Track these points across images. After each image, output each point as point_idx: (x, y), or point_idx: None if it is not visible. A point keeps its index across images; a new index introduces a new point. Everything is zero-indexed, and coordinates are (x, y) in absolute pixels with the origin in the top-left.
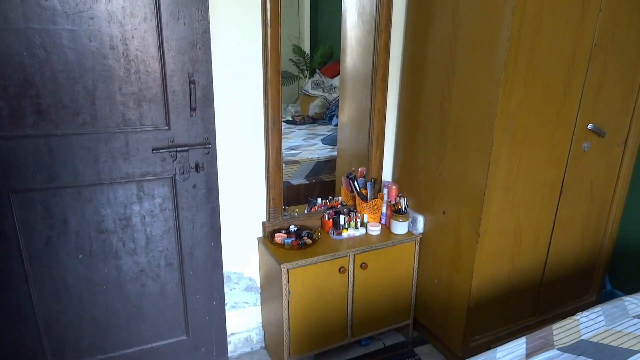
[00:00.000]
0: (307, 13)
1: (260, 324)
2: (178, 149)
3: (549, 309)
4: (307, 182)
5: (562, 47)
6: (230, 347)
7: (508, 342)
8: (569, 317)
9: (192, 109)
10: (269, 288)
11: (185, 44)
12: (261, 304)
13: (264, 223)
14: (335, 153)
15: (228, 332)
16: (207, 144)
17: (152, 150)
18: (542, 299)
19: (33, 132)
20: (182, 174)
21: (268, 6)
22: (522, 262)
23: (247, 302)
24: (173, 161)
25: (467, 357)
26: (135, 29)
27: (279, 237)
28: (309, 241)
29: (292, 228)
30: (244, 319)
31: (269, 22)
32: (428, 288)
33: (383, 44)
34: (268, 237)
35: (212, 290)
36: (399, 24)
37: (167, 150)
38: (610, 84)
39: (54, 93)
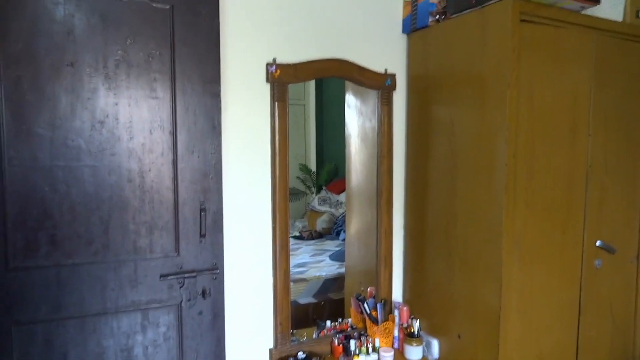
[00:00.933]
0: (313, 133)
1: None
2: (186, 275)
3: None
4: (315, 301)
5: (559, 169)
6: None
7: None
8: None
9: (202, 235)
10: None
11: (198, 175)
12: None
13: (270, 350)
14: (343, 270)
15: None
16: (215, 269)
17: (160, 277)
18: None
19: (45, 262)
20: (189, 300)
21: (277, 139)
22: None
23: None
24: (180, 287)
25: None
26: (153, 162)
27: None
28: None
29: (300, 355)
30: None
31: (277, 151)
32: None
33: (386, 169)
34: None
35: None
36: (400, 149)
37: (175, 276)
38: (611, 202)
39: (70, 224)
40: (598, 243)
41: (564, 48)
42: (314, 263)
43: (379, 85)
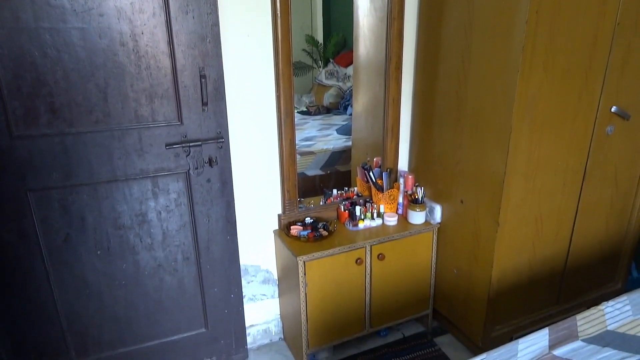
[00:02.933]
0: (319, 2)
1: (279, 316)
2: (191, 144)
3: (572, 297)
4: (322, 173)
5: (583, 28)
6: (249, 339)
7: (530, 332)
8: (593, 307)
9: (204, 104)
10: (286, 280)
11: (195, 38)
12: (279, 296)
13: (279, 216)
14: (350, 143)
15: (247, 324)
16: (220, 138)
17: (166, 146)
18: (565, 287)
19: (48, 130)
20: (196, 169)
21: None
22: (544, 250)
23: (264, 295)
24: (187, 156)
25: (488, 347)
26: (145, 24)
27: (295, 229)
28: (324, 233)
29: (308, 220)
30: (262, 311)
31: (278, 12)
32: (447, 278)
33: (396, 32)
34: (284, 230)
35: (229, 284)
36: (412, 10)
37: (181, 145)
38: (634, 65)
39: (67, 92)
40: (613, 109)
41: None
42: (321, 137)
43: None
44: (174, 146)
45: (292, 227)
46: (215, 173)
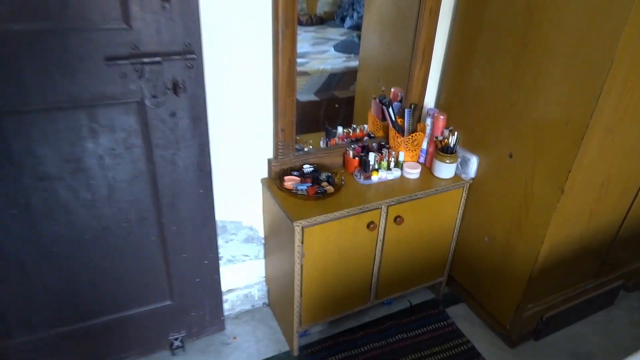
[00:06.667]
0: None
1: (264, 279)
2: (145, 60)
3: (613, 269)
4: (317, 100)
5: None
6: (226, 306)
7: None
8: None
9: (165, 0)
10: (275, 239)
11: None
12: (265, 257)
13: (269, 161)
14: (351, 63)
15: (224, 289)
16: (190, 53)
17: (106, 60)
18: (610, 259)
19: None
20: (154, 97)
21: None
22: (600, 219)
23: (247, 255)
24: (139, 78)
25: (516, 329)
26: None
27: (290, 181)
28: (330, 189)
29: (307, 168)
30: (243, 274)
31: None
32: (473, 245)
33: None
34: (275, 180)
35: (202, 248)
36: None
37: (129, 61)
38: None
39: None
40: None
41: None
42: (316, 54)
43: None
44: (119, 62)
45: (286, 177)
46: (183, 104)
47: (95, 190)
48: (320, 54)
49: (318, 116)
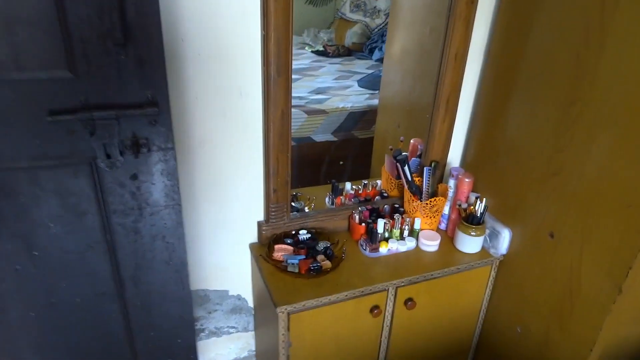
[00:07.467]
0: None
1: (254, 353)
2: (95, 115)
3: None
4: (334, 140)
5: None
6: None
7: None
8: None
9: (119, 42)
10: (262, 315)
11: None
12: (255, 329)
13: (259, 224)
14: (375, 101)
15: None
16: (152, 106)
17: (49, 114)
18: None
19: None
20: (109, 157)
21: None
22: None
23: (234, 327)
24: (90, 135)
25: None
26: None
27: (281, 251)
28: (326, 264)
29: (303, 234)
30: (230, 346)
31: None
32: (502, 333)
33: None
34: (265, 248)
35: (173, 325)
36: None
37: (75, 115)
38: None
39: None
40: None
41: None
42: (338, 89)
43: None
44: (64, 116)
45: (277, 245)
46: (146, 165)
47: (38, 263)
48: (342, 89)
49: (331, 158)
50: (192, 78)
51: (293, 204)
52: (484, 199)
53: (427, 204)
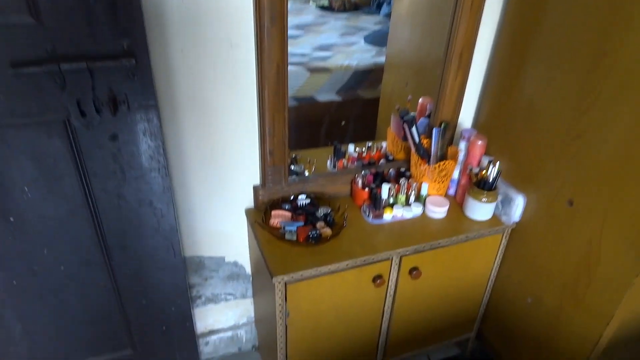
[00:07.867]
0: None
1: (252, 320)
2: (64, 67)
3: None
4: (338, 100)
5: None
6: (207, 349)
7: None
8: None
9: None
10: (260, 282)
11: None
12: (253, 295)
13: (255, 188)
14: (382, 59)
15: (205, 330)
16: (128, 57)
17: (11, 66)
18: None
19: None
20: (84, 116)
21: None
22: None
23: (231, 294)
24: (62, 90)
25: None
26: None
27: (278, 217)
28: (326, 232)
29: (302, 200)
30: (228, 313)
31: None
32: (511, 303)
33: None
34: (261, 214)
35: (166, 293)
36: None
37: (41, 67)
38: None
39: None
40: None
41: None
42: (343, 46)
43: None
44: (29, 68)
45: (274, 211)
46: (127, 124)
47: (15, 229)
48: (347, 46)
49: (336, 119)
50: (176, 28)
51: (292, 167)
52: (497, 163)
53: (435, 167)
